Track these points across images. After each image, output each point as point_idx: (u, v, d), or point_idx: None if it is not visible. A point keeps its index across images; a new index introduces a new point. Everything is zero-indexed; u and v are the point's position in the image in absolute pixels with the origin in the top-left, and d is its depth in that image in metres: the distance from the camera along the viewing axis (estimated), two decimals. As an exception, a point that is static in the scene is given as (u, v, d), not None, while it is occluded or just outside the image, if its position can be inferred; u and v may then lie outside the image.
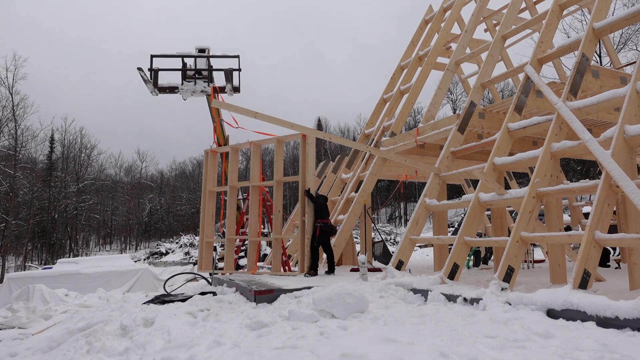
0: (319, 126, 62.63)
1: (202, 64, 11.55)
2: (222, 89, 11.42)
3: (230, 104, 9.69)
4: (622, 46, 24.10)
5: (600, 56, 23.21)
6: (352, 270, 9.84)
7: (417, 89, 12.26)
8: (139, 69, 10.80)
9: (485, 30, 13.79)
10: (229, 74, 11.20)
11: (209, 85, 11.35)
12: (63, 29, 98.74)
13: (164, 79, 11.46)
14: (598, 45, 21.59)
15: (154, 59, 11.23)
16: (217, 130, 11.95)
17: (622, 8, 22.65)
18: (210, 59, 11.75)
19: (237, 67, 11.33)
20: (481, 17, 11.78)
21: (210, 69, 11.50)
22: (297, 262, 11.69)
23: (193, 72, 11.39)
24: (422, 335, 4.06)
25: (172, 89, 11.41)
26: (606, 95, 6.29)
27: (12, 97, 31.91)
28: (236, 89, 11.50)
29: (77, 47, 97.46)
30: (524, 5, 11.73)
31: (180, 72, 11.49)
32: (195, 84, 11.34)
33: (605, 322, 4.19)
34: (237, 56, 11.38)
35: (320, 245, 9.09)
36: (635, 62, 10.06)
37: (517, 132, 7.68)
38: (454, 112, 44.64)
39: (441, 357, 3.39)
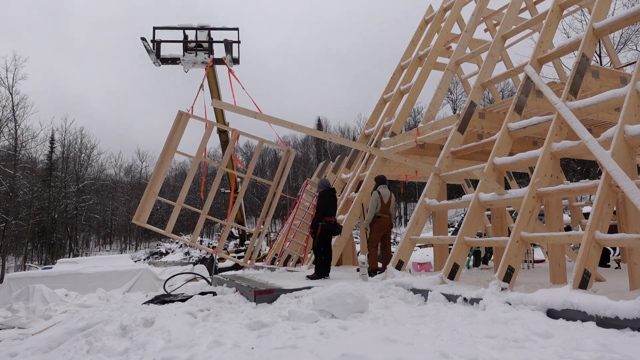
0: (319, 126, 62.64)
1: (202, 36, 11.89)
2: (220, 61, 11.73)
3: (231, 105, 9.68)
4: (622, 46, 24.11)
5: (600, 56, 23.22)
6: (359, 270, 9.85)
7: (417, 89, 12.25)
8: (143, 39, 11.06)
9: (485, 30, 13.78)
10: (228, 44, 11.48)
11: (209, 57, 11.64)
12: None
13: (166, 51, 11.91)
14: (598, 45, 21.59)
15: (156, 30, 11.54)
16: (218, 111, 12.23)
17: (622, 8, 22.65)
18: (211, 32, 12.06)
19: (237, 40, 11.61)
20: (481, 17, 11.77)
21: (210, 41, 11.78)
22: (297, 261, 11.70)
23: (194, 44, 11.70)
24: (422, 335, 4.05)
25: (174, 60, 11.75)
26: (606, 95, 6.29)
27: (12, 97, 31.99)
28: (235, 61, 11.80)
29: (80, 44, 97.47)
30: (524, 5, 11.71)
31: (182, 44, 11.81)
32: (196, 55, 11.69)
33: (605, 322, 4.19)
34: (237, 29, 11.65)
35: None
36: (635, 62, 10.06)
37: (517, 132, 7.68)
38: (454, 112, 44.64)
39: (441, 357, 3.39)
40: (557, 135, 6.72)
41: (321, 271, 8.29)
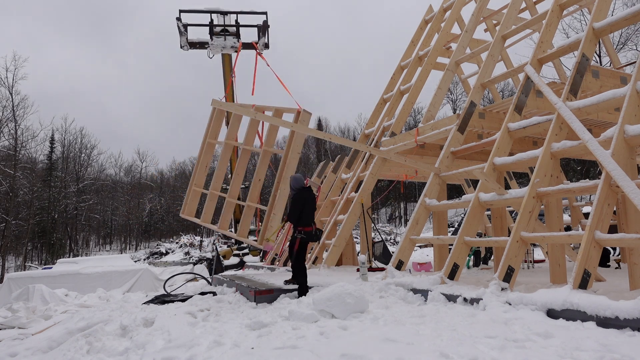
0: (319, 126, 62.62)
1: (228, 20, 11.58)
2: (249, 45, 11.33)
3: (231, 104, 9.69)
4: (622, 46, 24.11)
5: (600, 56, 23.22)
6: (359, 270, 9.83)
7: (417, 89, 12.25)
8: (178, 19, 10.91)
9: (485, 30, 13.78)
10: (265, 28, 11.13)
11: (238, 41, 11.34)
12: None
13: (193, 35, 11.59)
14: (598, 45, 21.59)
15: (182, 14, 11.21)
16: (228, 90, 11.96)
17: (622, 8, 22.66)
18: (239, 15, 11.70)
19: (266, 23, 11.29)
20: (481, 17, 11.77)
21: (238, 25, 11.54)
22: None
23: (221, 28, 11.39)
24: (422, 335, 4.06)
25: (202, 45, 11.52)
26: (606, 95, 6.29)
27: (12, 97, 31.95)
28: (266, 45, 11.43)
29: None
30: (524, 5, 11.72)
31: (208, 28, 11.45)
32: (225, 39, 11.40)
33: (605, 322, 4.19)
34: (265, 12, 11.29)
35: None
36: (635, 62, 10.06)
37: (517, 132, 7.68)
38: (454, 112, 44.63)
39: (441, 357, 3.39)
40: (557, 135, 6.72)
41: (305, 289, 6.61)
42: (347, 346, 3.78)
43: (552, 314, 4.67)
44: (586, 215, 11.86)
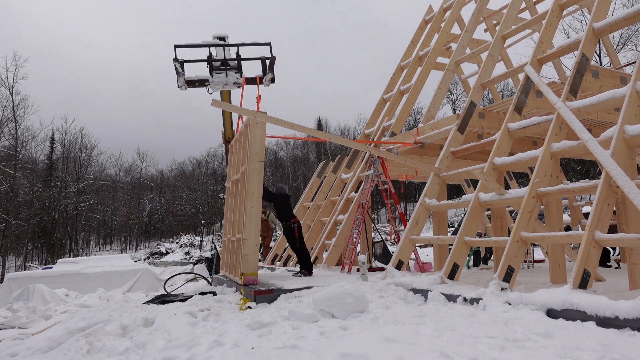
0: (319, 126, 62.62)
1: (227, 53, 10.31)
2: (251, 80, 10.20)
3: (231, 104, 9.69)
4: (622, 46, 24.10)
5: (600, 56, 23.21)
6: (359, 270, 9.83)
7: (417, 89, 12.25)
8: (175, 59, 9.88)
9: (485, 30, 13.78)
10: (272, 62, 9.95)
11: (241, 76, 10.16)
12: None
13: (190, 72, 10.23)
14: (598, 45, 21.59)
15: (177, 49, 10.00)
16: (227, 122, 11.14)
17: (622, 8, 22.64)
18: (238, 48, 10.45)
19: (270, 55, 10.12)
20: (481, 17, 11.78)
21: (239, 59, 10.19)
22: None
23: (220, 62, 10.10)
24: (422, 335, 4.06)
25: (201, 82, 10.26)
26: (606, 95, 6.29)
27: (12, 97, 31.94)
28: (272, 80, 10.27)
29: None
30: (524, 5, 11.72)
31: (207, 63, 10.16)
32: (226, 75, 10.19)
33: (605, 322, 4.20)
34: (269, 43, 10.24)
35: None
36: (635, 62, 10.06)
37: (517, 132, 7.68)
38: (454, 112, 44.63)
39: (441, 357, 3.40)
40: (557, 135, 6.73)
41: (311, 267, 8.93)
42: (348, 346, 3.78)
43: (552, 313, 4.68)
44: (586, 215, 11.86)
